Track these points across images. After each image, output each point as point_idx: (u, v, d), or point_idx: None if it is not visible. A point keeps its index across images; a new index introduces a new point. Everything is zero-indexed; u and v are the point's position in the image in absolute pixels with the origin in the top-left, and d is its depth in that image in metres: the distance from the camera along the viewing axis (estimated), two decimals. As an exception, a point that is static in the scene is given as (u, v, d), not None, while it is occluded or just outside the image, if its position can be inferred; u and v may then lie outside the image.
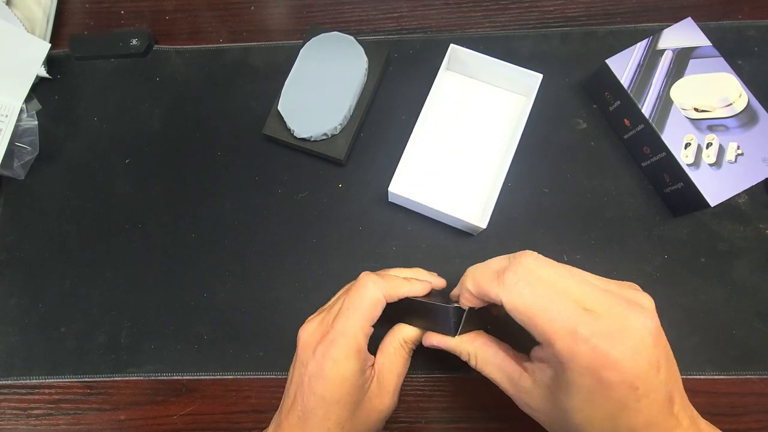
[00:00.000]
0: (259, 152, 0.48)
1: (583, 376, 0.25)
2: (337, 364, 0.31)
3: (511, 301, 0.27)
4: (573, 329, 0.25)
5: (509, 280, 0.27)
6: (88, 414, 0.44)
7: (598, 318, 0.25)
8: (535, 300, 0.26)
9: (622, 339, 0.25)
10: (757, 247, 0.44)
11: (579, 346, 0.25)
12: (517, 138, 0.43)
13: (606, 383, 0.25)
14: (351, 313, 0.32)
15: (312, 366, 0.32)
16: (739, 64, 0.47)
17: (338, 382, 0.31)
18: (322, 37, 0.47)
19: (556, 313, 0.26)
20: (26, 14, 0.50)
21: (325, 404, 0.31)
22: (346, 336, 0.32)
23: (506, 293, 0.27)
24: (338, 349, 0.31)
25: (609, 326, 0.25)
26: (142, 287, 0.45)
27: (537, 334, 0.26)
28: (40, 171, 0.49)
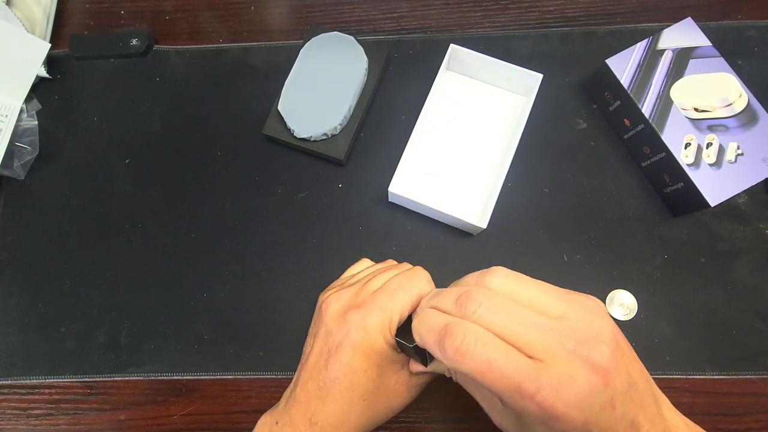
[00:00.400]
0: (259, 152, 0.48)
1: (537, 424, 0.25)
2: (370, 335, 0.31)
3: (455, 368, 0.25)
4: (518, 386, 0.23)
5: (448, 346, 0.24)
6: (88, 414, 0.44)
7: (544, 368, 0.24)
8: (478, 363, 0.24)
9: (570, 388, 0.23)
10: (757, 247, 0.44)
11: (525, 402, 0.23)
12: (517, 138, 0.43)
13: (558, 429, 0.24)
14: (398, 293, 0.32)
15: (341, 334, 0.32)
16: (739, 64, 0.47)
17: (367, 352, 0.31)
18: (322, 37, 0.47)
19: (499, 372, 0.23)
20: (26, 14, 0.50)
21: (351, 373, 0.31)
22: (384, 311, 0.32)
23: (449, 361, 0.25)
24: (373, 320, 0.31)
25: (555, 376, 0.23)
26: (142, 287, 0.45)
27: (489, 390, 0.25)
28: (40, 171, 0.49)
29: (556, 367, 0.24)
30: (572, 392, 0.23)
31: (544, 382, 0.23)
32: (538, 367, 0.24)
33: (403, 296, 0.32)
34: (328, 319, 0.33)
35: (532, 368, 0.24)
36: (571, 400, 0.23)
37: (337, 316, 0.33)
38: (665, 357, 0.42)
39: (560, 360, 0.24)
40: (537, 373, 0.23)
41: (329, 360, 0.32)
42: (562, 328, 0.25)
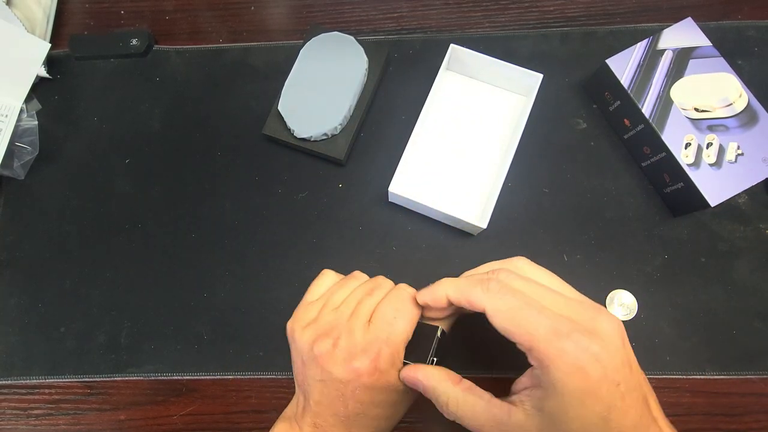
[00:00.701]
0: (259, 152, 0.48)
1: (570, 376, 0.25)
2: (384, 374, 0.32)
3: (494, 306, 0.28)
4: (554, 328, 0.26)
5: (493, 287, 0.29)
6: (88, 414, 0.44)
7: (573, 320, 0.27)
8: (516, 304, 0.27)
9: (597, 337, 0.26)
10: (757, 247, 0.44)
11: (562, 342, 0.26)
12: (517, 138, 0.43)
13: (593, 380, 0.25)
14: (398, 322, 0.32)
15: (354, 381, 0.31)
16: (739, 64, 0.47)
17: (385, 386, 0.32)
18: (322, 37, 0.47)
19: (537, 315, 0.27)
20: (26, 14, 0.50)
21: (373, 406, 0.32)
22: (390, 345, 0.32)
23: (490, 299, 0.28)
24: (384, 361, 0.31)
25: (584, 327, 0.26)
26: (142, 287, 0.45)
27: (520, 338, 0.27)
28: (40, 171, 0.48)
29: (583, 322, 0.27)
30: (601, 340, 0.26)
31: (577, 328, 0.26)
32: (568, 318, 0.27)
33: (403, 323, 0.32)
34: (331, 368, 0.32)
35: (564, 318, 0.27)
36: (602, 345, 0.26)
37: (342, 364, 0.31)
38: (665, 357, 0.42)
39: (585, 317, 0.27)
40: (570, 321, 0.26)
41: (347, 402, 0.32)
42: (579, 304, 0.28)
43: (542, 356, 0.26)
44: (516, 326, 0.27)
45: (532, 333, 0.26)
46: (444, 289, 0.31)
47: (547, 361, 0.26)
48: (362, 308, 0.34)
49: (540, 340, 0.26)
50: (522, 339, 0.27)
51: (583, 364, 0.25)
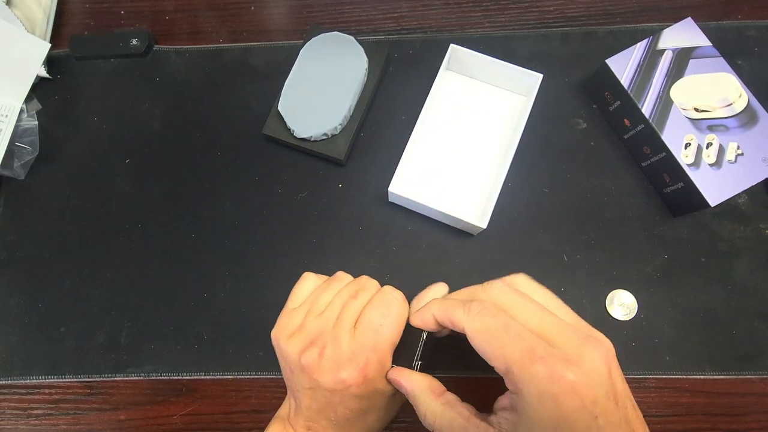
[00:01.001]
0: (259, 152, 0.48)
1: (541, 404, 0.25)
2: (372, 382, 0.31)
3: (473, 327, 0.28)
4: (530, 351, 0.25)
5: (474, 308, 0.28)
6: (88, 414, 0.44)
7: (554, 345, 0.26)
8: (494, 326, 0.27)
9: (578, 365, 0.25)
10: (757, 247, 0.44)
11: (536, 365, 0.25)
12: (517, 138, 0.43)
13: (567, 410, 0.24)
14: (384, 328, 0.32)
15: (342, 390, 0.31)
16: (739, 64, 0.47)
17: (373, 392, 0.32)
18: (322, 37, 0.47)
19: (514, 337, 0.26)
20: (26, 14, 0.50)
21: (362, 413, 0.32)
22: (377, 352, 0.31)
23: (469, 320, 0.28)
24: (371, 369, 0.31)
25: (564, 354, 0.25)
26: (142, 287, 0.45)
27: (495, 360, 0.26)
28: (40, 171, 0.48)
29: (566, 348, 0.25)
30: (581, 369, 0.24)
31: (556, 354, 0.25)
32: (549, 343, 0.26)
33: (389, 329, 0.32)
34: (319, 378, 0.31)
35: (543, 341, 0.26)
36: (580, 374, 0.24)
37: (329, 374, 0.31)
38: (665, 357, 0.42)
39: (570, 344, 0.26)
40: (549, 346, 0.25)
41: (336, 408, 0.32)
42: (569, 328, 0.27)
43: (515, 380, 0.25)
44: (492, 348, 0.26)
45: (507, 356, 0.26)
46: (431, 311, 0.31)
47: (520, 386, 0.25)
48: (347, 313, 0.33)
49: (514, 363, 0.25)
50: (497, 362, 0.26)
51: (556, 392, 0.24)
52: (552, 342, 0.26)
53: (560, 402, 0.24)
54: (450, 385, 0.43)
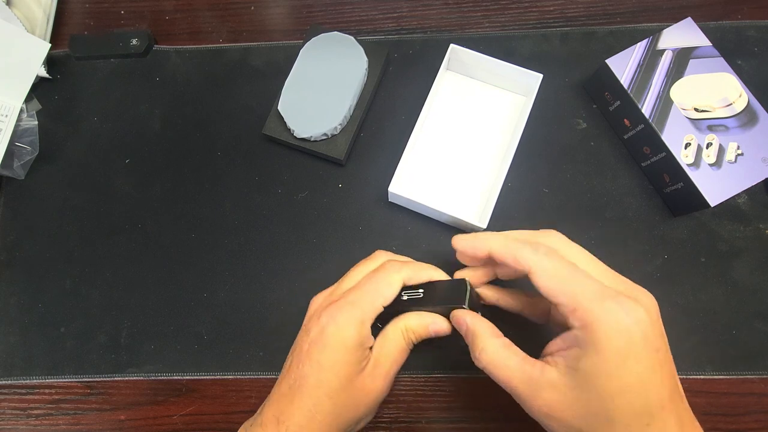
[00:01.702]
0: (259, 152, 0.48)
1: (614, 335, 0.26)
2: (340, 329, 0.32)
3: (542, 266, 0.28)
4: (600, 291, 0.27)
5: (542, 248, 0.29)
6: (88, 414, 0.44)
7: (616, 288, 0.28)
8: (564, 267, 0.28)
9: (641, 304, 0.27)
10: (757, 247, 0.44)
11: (607, 302, 0.26)
12: (517, 138, 0.43)
13: (636, 342, 0.26)
14: (367, 287, 0.33)
15: (314, 332, 0.32)
16: (739, 64, 0.47)
17: (336, 348, 0.32)
18: (322, 37, 0.47)
19: (583, 278, 0.28)
20: (26, 14, 0.50)
21: (319, 370, 0.32)
22: (355, 306, 0.32)
23: (538, 259, 0.29)
24: (343, 315, 0.32)
25: (628, 294, 0.27)
26: (142, 287, 0.45)
27: (564, 297, 0.27)
28: (40, 171, 0.49)
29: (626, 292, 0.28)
30: (643, 307, 0.26)
31: (623, 292, 0.27)
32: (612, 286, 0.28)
33: (370, 288, 0.33)
34: (306, 320, 0.35)
35: (607, 285, 0.27)
36: (644, 311, 0.26)
37: (313, 315, 0.34)
38: (665, 357, 0.42)
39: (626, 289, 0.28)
40: (613, 288, 0.27)
41: (301, 358, 0.32)
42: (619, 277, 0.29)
43: (587, 315, 0.26)
44: (562, 286, 0.28)
45: (578, 294, 0.27)
46: (488, 242, 0.31)
47: (591, 320, 0.26)
48: (349, 278, 0.35)
49: (586, 299, 0.27)
50: (566, 299, 0.27)
51: (627, 325, 0.26)
52: (613, 287, 0.28)
53: (631, 334, 0.26)
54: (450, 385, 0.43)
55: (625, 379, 0.26)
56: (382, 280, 0.33)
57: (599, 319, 0.26)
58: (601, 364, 0.26)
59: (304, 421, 0.31)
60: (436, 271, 0.36)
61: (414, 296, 0.35)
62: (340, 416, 0.32)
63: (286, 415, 0.32)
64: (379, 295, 0.33)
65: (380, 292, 0.33)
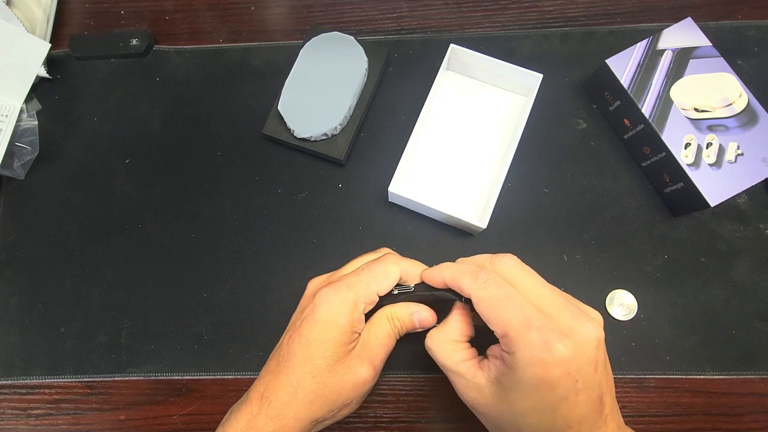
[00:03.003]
0: (259, 152, 0.48)
1: (531, 366, 0.28)
2: (332, 307, 0.32)
3: (478, 294, 0.30)
4: (527, 320, 0.28)
5: (481, 277, 0.31)
6: (88, 414, 0.44)
7: (550, 318, 0.29)
8: (498, 295, 0.30)
9: (569, 337, 0.28)
10: (757, 247, 0.44)
11: (531, 333, 0.28)
12: (517, 138, 0.43)
13: (551, 375, 0.27)
14: (364, 272, 0.34)
15: (308, 309, 0.33)
16: (739, 64, 0.47)
17: (326, 326, 0.32)
18: (322, 37, 0.47)
19: (515, 307, 0.29)
20: (26, 14, 0.50)
21: (307, 346, 0.32)
22: (350, 288, 0.33)
23: (476, 288, 0.30)
24: (337, 294, 0.33)
25: (559, 326, 0.28)
26: (142, 287, 0.45)
27: (495, 325, 0.29)
28: (40, 171, 0.49)
29: (561, 322, 0.28)
30: (572, 340, 0.28)
31: (550, 326, 0.28)
32: (546, 316, 0.29)
33: (367, 274, 0.34)
34: (302, 300, 0.36)
35: (541, 314, 0.29)
36: (570, 345, 0.27)
37: (309, 294, 0.35)
38: (665, 357, 0.42)
39: (564, 318, 0.29)
40: (546, 318, 0.28)
41: (292, 335, 0.33)
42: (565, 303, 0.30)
43: (511, 344, 0.28)
44: (493, 314, 0.29)
45: (506, 322, 0.29)
46: (441, 273, 0.33)
47: (514, 348, 0.28)
48: (348, 265, 0.37)
49: (511, 328, 0.28)
50: (497, 327, 0.29)
51: (545, 358, 0.27)
52: (548, 315, 0.29)
53: (548, 367, 0.27)
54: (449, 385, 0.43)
55: (534, 402, 0.28)
56: (380, 268, 0.34)
57: (521, 348, 0.28)
58: (518, 386, 0.28)
59: (287, 397, 0.32)
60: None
61: (405, 290, 0.35)
62: (323, 396, 0.32)
63: (270, 391, 0.33)
64: (376, 281, 0.34)
65: (377, 279, 0.34)
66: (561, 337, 0.28)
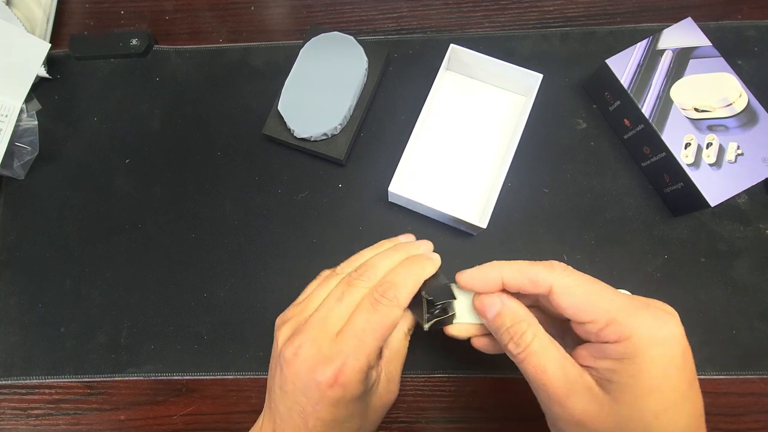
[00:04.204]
0: (259, 152, 0.48)
1: (652, 350, 0.24)
2: (347, 390, 0.28)
3: (564, 283, 0.27)
4: (629, 302, 0.25)
5: (557, 267, 0.27)
6: (88, 414, 0.44)
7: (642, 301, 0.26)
8: (587, 281, 0.27)
9: (672, 315, 0.26)
10: (757, 247, 0.44)
11: (641, 312, 0.25)
12: (517, 138, 0.43)
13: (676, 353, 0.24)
14: (368, 335, 0.29)
15: (316, 394, 0.28)
16: (739, 64, 0.47)
17: (350, 405, 0.29)
18: (322, 37, 0.47)
19: (610, 292, 0.26)
20: (26, 14, 0.50)
21: (336, 425, 0.29)
22: (359, 360, 0.28)
23: (557, 276, 0.27)
24: (347, 377, 0.28)
25: (657, 306, 0.26)
26: (142, 287, 0.45)
27: (594, 314, 0.26)
28: (40, 171, 0.48)
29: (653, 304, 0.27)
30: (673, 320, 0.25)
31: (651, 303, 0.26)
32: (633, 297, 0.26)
33: (373, 337, 0.29)
34: (293, 378, 0.29)
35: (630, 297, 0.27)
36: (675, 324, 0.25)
37: (305, 373, 0.28)
38: (665, 357, 0.42)
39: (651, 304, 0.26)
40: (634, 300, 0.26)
41: (308, 419, 0.29)
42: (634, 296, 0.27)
43: (623, 329, 0.25)
44: (588, 302, 0.26)
45: (609, 308, 0.25)
46: (498, 271, 0.29)
47: (629, 333, 0.24)
48: (333, 318, 0.30)
49: (619, 313, 0.25)
50: (596, 315, 0.25)
51: (665, 336, 0.24)
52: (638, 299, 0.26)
53: (671, 346, 0.24)
54: (450, 385, 0.43)
55: (667, 394, 0.24)
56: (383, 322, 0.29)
57: (638, 331, 0.24)
58: (641, 378, 0.24)
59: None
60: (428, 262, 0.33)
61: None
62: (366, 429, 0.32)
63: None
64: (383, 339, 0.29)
65: (384, 336, 0.29)
66: (669, 315, 0.25)
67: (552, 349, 0.27)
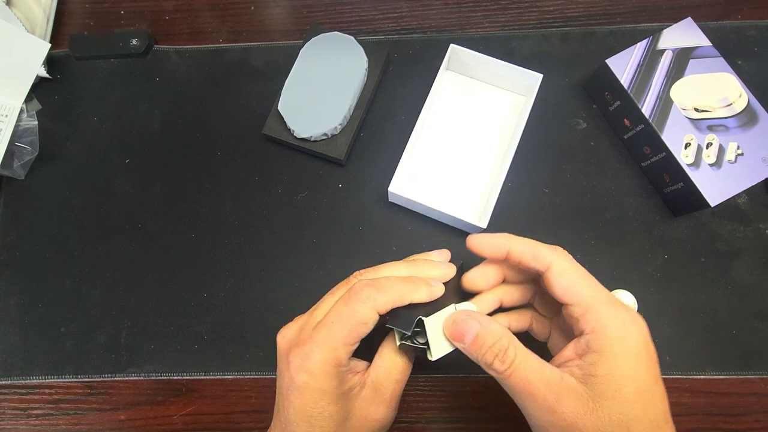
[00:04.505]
0: (259, 152, 0.48)
1: (624, 340, 0.27)
2: (314, 378, 0.29)
3: (563, 265, 0.29)
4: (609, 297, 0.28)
5: (561, 251, 0.30)
6: (88, 414, 0.44)
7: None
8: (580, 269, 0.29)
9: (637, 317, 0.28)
10: (757, 247, 0.44)
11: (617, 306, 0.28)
12: (517, 138, 0.43)
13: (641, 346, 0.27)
14: (335, 326, 0.30)
15: (287, 377, 0.30)
16: (739, 64, 0.47)
17: (316, 395, 0.29)
18: (322, 37, 0.47)
19: (595, 283, 0.29)
20: (26, 14, 0.50)
21: (306, 417, 0.29)
22: (325, 350, 0.29)
23: (558, 258, 0.30)
24: (313, 363, 0.29)
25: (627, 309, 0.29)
26: (142, 287, 0.45)
27: (580, 298, 0.28)
28: (40, 171, 0.49)
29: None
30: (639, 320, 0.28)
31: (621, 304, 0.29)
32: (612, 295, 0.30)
33: (340, 328, 0.29)
34: (278, 358, 0.31)
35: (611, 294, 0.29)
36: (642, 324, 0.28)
37: (283, 355, 0.31)
38: (665, 357, 0.42)
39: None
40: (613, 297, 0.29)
41: (284, 403, 0.30)
42: None
43: (599, 318, 0.27)
44: (577, 287, 0.29)
45: (591, 296, 0.28)
46: (507, 241, 0.31)
47: (604, 323, 0.27)
48: (320, 308, 0.32)
49: (597, 302, 0.28)
50: (580, 299, 0.28)
51: (633, 330, 0.27)
52: None
53: (638, 339, 0.27)
54: (450, 385, 0.43)
55: (640, 381, 0.26)
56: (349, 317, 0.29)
57: (611, 323, 0.27)
58: (619, 366, 0.26)
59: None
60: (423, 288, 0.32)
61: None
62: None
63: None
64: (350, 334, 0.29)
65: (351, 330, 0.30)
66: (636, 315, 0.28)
67: (532, 359, 0.28)
